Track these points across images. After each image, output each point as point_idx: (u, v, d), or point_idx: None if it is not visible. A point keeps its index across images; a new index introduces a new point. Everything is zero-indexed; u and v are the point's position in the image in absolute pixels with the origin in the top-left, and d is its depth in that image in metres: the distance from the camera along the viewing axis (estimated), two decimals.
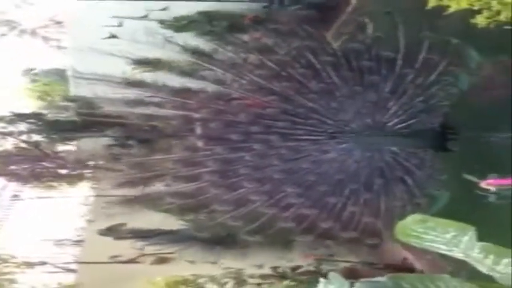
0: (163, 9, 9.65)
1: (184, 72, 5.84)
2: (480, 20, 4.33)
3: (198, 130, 5.86)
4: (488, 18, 4.30)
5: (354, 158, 5.63)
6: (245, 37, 7.01)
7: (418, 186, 5.60)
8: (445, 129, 5.55)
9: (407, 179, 5.60)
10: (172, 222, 6.31)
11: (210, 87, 5.80)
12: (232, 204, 5.88)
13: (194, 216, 6.13)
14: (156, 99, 5.93)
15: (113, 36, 8.78)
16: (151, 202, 6.09)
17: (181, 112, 5.85)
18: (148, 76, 5.89)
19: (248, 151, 5.70)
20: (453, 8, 4.39)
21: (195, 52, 5.82)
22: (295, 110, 5.66)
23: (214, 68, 5.78)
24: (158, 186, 6.09)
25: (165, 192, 6.00)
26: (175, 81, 5.89)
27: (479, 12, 4.36)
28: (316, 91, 5.63)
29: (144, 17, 9.45)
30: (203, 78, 5.82)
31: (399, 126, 5.58)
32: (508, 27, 4.32)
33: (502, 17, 4.25)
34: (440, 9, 4.55)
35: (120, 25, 8.96)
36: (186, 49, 5.85)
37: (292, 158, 5.73)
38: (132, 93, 5.89)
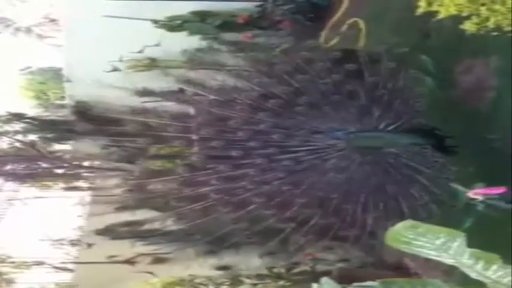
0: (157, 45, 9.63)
1: (180, 99, 6.01)
2: (469, 26, 4.35)
3: (198, 150, 5.99)
4: (477, 24, 4.32)
5: (356, 162, 5.67)
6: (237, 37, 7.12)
7: (433, 183, 5.61)
8: (436, 130, 5.60)
9: (419, 177, 5.63)
10: (170, 222, 6.34)
11: (205, 110, 5.97)
12: (244, 221, 5.94)
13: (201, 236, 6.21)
14: (158, 125, 6.08)
15: (115, 70, 8.92)
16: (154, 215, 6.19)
17: (181, 134, 5.99)
18: (149, 103, 6.12)
19: (251, 167, 5.78)
20: (442, 14, 4.41)
21: (190, 81, 6.06)
22: (285, 123, 5.76)
23: (207, 94, 6.01)
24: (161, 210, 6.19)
25: (168, 214, 6.11)
26: (174, 106, 6.11)
27: (468, 18, 4.38)
28: (301, 104, 5.73)
29: (140, 52, 9.54)
30: (198, 102, 5.97)
31: (389, 128, 5.64)
32: (496, 33, 4.35)
33: (491, 23, 4.27)
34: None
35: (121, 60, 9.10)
36: (180, 79, 6.10)
37: (296, 170, 5.78)
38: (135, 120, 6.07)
